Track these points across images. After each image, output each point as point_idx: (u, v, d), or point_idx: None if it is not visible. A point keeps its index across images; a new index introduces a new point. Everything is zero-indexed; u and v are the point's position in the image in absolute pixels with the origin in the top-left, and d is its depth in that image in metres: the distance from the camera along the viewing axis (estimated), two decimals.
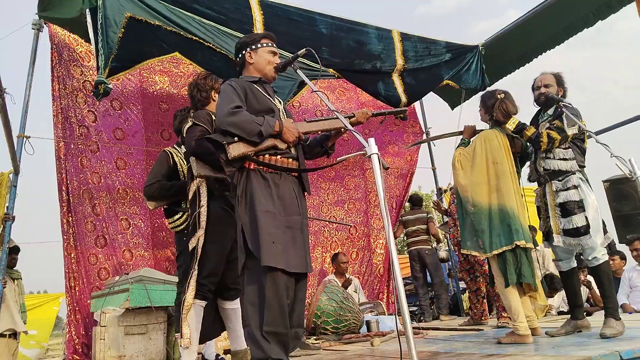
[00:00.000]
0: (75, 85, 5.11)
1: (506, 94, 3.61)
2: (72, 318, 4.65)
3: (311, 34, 4.94)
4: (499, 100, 3.57)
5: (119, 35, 3.87)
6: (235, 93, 2.51)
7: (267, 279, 2.31)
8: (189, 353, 2.89)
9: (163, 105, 5.69)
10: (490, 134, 3.53)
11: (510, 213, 3.32)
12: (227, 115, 2.40)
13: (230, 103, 2.44)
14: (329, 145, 2.83)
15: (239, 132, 2.40)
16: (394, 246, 2.03)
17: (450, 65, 5.84)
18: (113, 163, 5.26)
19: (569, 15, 5.50)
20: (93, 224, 4.99)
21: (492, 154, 3.44)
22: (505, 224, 3.31)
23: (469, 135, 3.71)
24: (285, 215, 2.44)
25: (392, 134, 7.40)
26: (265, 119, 2.46)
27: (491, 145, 3.47)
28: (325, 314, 4.65)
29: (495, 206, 3.36)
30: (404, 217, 6.90)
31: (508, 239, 3.29)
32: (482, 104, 3.70)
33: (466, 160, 3.52)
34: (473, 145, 3.57)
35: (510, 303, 3.28)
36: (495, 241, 3.32)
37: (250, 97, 2.56)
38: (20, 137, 4.57)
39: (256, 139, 2.42)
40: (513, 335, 3.23)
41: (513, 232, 3.28)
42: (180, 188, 3.35)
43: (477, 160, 3.48)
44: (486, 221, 3.37)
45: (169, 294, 4.07)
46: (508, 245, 3.28)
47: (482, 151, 3.48)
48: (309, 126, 2.66)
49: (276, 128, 2.48)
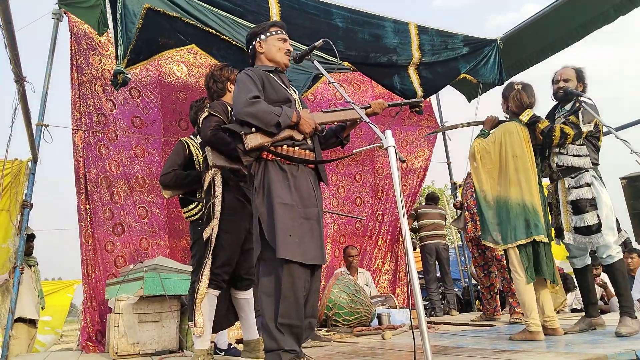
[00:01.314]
0: (94, 74, 5.14)
1: (524, 85, 3.56)
2: (88, 305, 4.71)
3: (327, 27, 4.93)
4: (515, 90, 3.54)
5: (137, 25, 3.90)
6: (253, 82, 2.51)
7: (284, 271, 2.32)
8: (201, 341, 2.92)
9: (181, 95, 5.71)
10: (510, 127, 3.47)
11: (530, 208, 3.27)
12: (246, 105, 2.40)
13: (248, 93, 2.44)
14: (344, 135, 2.84)
15: (257, 122, 2.40)
16: (409, 240, 2.02)
17: (467, 58, 5.79)
18: (132, 151, 5.30)
19: (588, 10, 5.41)
20: (111, 212, 5.03)
21: (513, 147, 3.39)
22: (524, 218, 3.27)
23: (490, 126, 3.66)
24: (302, 207, 2.44)
25: (407, 127, 7.37)
26: (283, 109, 2.46)
27: (511, 138, 3.41)
28: (337, 306, 4.67)
29: (514, 200, 3.32)
30: (420, 210, 6.86)
31: (525, 233, 3.25)
32: (502, 96, 3.67)
33: (486, 152, 3.48)
34: (493, 137, 3.51)
35: (524, 299, 3.25)
36: (511, 234, 3.28)
37: (267, 86, 2.56)
38: (39, 126, 4.64)
39: (274, 130, 2.42)
40: (525, 332, 3.21)
41: (532, 226, 3.24)
42: (196, 178, 3.38)
43: (497, 152, 3.43)
44: (504, 214, 3.33)
45: (182, 283, 4.11)
46: (524, 239, 3.25)
47: (502, 143, 3.42)
48: (325, 117, 2.66)
49: (293, 119, 2.49)
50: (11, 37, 3.14)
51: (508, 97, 3.58)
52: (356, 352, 3.33)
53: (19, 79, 3.75)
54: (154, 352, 3.97)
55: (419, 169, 7.33)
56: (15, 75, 3.72)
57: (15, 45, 3.29)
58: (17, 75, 3.73)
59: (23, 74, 3.77)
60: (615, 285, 3.36)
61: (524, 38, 5.98)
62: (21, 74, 3.74)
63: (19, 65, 3.63)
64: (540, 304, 3.32)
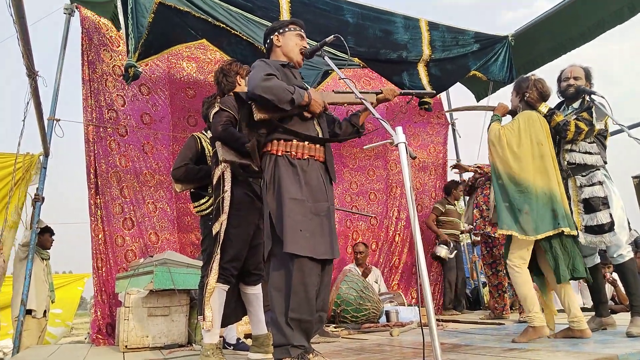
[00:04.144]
0: (105, 70, 5.18)
1: (541, 78, 3.51)
2: (98, 298, 4.75)
3: (337, 22, 4.93)
4: (535, 79, 3.46)
5: (148, 20, 3.92)
6: (269, 67, 2.53)
7: (294, 266, 2.32)
8: (210, 336, 2.93)
9: (190, 91, 5.74)
10: (532, 114, 3.36)
11: (556, 197, 3.14)
12: (262, 80, 2.40)
13: (265, 71, 2.45)
14: (360, 124, 2.85)
15: (272, 97, 2.39)
16: (419, 237, 2.01)
17: (477, 55, 5.76)
18: (140, 147, 5.33)
19: (601, 9, 5.35)
20: (121, 207, 5.07)
21: (537, 134, 3.27)
22: (550, 208, 3.13)
23: (502, 113, 3.53)
24: (312, 201, 2.44)
25: (417, 125, 7.35)
26: (296, 88, 2.48)
27: (535, 125, 3.30)
28: (345, 302, 4.67)
29: (540, 188, 3.17)
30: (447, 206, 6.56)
31: (552, 224, 3.11)
32: (515, 87, 3.58)
33: (512, 136, 3.30)
34: (517, 122, 3.35)
35: (525, 292, 3.13)
36: (539, 225, 3.11)
37: (282, 77, 2.57)
38: (50, 120, 4.68)
39: (287, 107, 2.43)
40: (528, 332, 3.10)
41: (559, 217, 3.10)
42: (208, 172, 3.39)
43: (522, 137, 3.27)
44: (534, 202, 3.15)
45: (191, 277, 4.14)
46: (552, 230, 3.10)
47: (527, 129, 3.29)
48: (335, 97, 2.68)
49: (305, 99, 2.50)
50: (24, 32, 3.16)
51: (525, 87, 3.47)
52: (364, 348, 3.33)
53: (31, 73, 3.79)
54: (164, 345, 4.00)
55: (432, 166, 7.31)
56: (28, 69, 3.75)
57: (28, 39, 3.32)
58: (29, 70, 3.76)
59: (35, 69, 3.80)
60: (626, 284, 3.32)
61: (536, 36, 5.93)
62: (33, 68, 3.78)
63: (31, 59, 3.66)
64: (566, 304, 3.16)
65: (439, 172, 7.38)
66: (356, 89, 2.58)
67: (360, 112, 2.85)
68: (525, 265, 3.19)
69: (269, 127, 2.52)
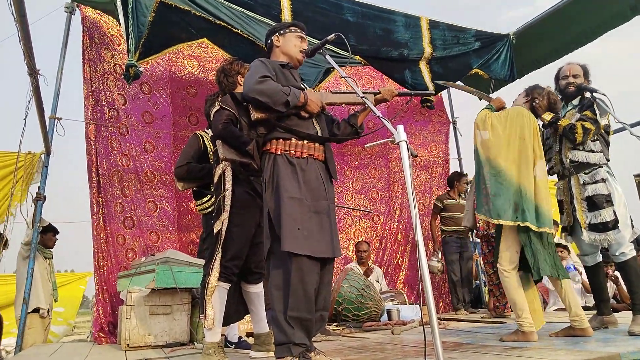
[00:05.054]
0: (106, 68, 5.18)
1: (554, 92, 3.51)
2: (100, 297, 4.76)
3: (338, 21, 4.92)
4: (549, 91, 3.46)
5: (149, 19, 3.92)
6: (266, 68, 2.53)
7: (293, 264, 2.33)
8: (212, 334, 2.93)
9: (191, 90, 5.73)
10: (523, 111, 3.35)
11: (524, 193, 3.11)
12: (256, 83, 2.41)
13: (260, 73, 2.46)
14: (359, 124, 2.84)
15: (266, 99, 2.41)
16: (421, 235, 2.01)
17: (479, 53, 5.75)
18: (141, 146, 5.33)
19: (604, 9, 5.33)
20: (122, 206, 5.08)
21: (522, 129, 3.25)
22: (513, 200, 3.12)
23: (497, 106, 3.49)
24: (312, 200, 2.45)
25: (418, 123, 7.33)
26: (292, 89, 2.48)
27: (522, 121, 3.27)
28: (346, 301, 4.67)
29: (511, 177, 3.16)
30: (446, 201, 6.33)
31: (511, 217, 3.09)
32: (527, 90, 3.55)
33: (499, 122, 3.30)
34: (507, 112, 3.35)
35: (515, 297, 3.11)
36: (502, 211, 3.11)
37: (280, 77, 2.58)
38: (52, 119, 4.68)
39: (282, 109, 2.44)
40: (517, 334, 3.08)
41: (519, 211, 3.08)
42: (210, 171, 3.39)
43: (508, 125, 3.27)
44: (504, 188, 3.14)
45: (193, 276, 4.14)
46: (510, 222, 3.08)
47: (514, 120, 3.28)
48: (333, 97, 2.69)
49: (301, 99, 2.51)
50: (25, 30, 3.16)
51: (537, 94, 3.45)
52: (366, 347, 3.33)
53: (32, 72, 3.79)
54: (165, 344, 4.00)
55: (433, 164, 7.29)
56: (29, 68, 3.75)
57: (29, 38, 3.32)
58: (30, 69, 3.76)
59: (36, 67, 3.80)
60: (628, 283, 3.31)
61: (537, 35, 5.90)
62: (34, 67, 3.78)
63: (32, 58, 3.66)
64: (567, 302, 3.14)
65: (441, 170, 7.36)
66: (357, 88, 2.58)
67: (359, 113, 2.85)
68: (515, 270, 3.16)
69: (267, 126, 2.52)
